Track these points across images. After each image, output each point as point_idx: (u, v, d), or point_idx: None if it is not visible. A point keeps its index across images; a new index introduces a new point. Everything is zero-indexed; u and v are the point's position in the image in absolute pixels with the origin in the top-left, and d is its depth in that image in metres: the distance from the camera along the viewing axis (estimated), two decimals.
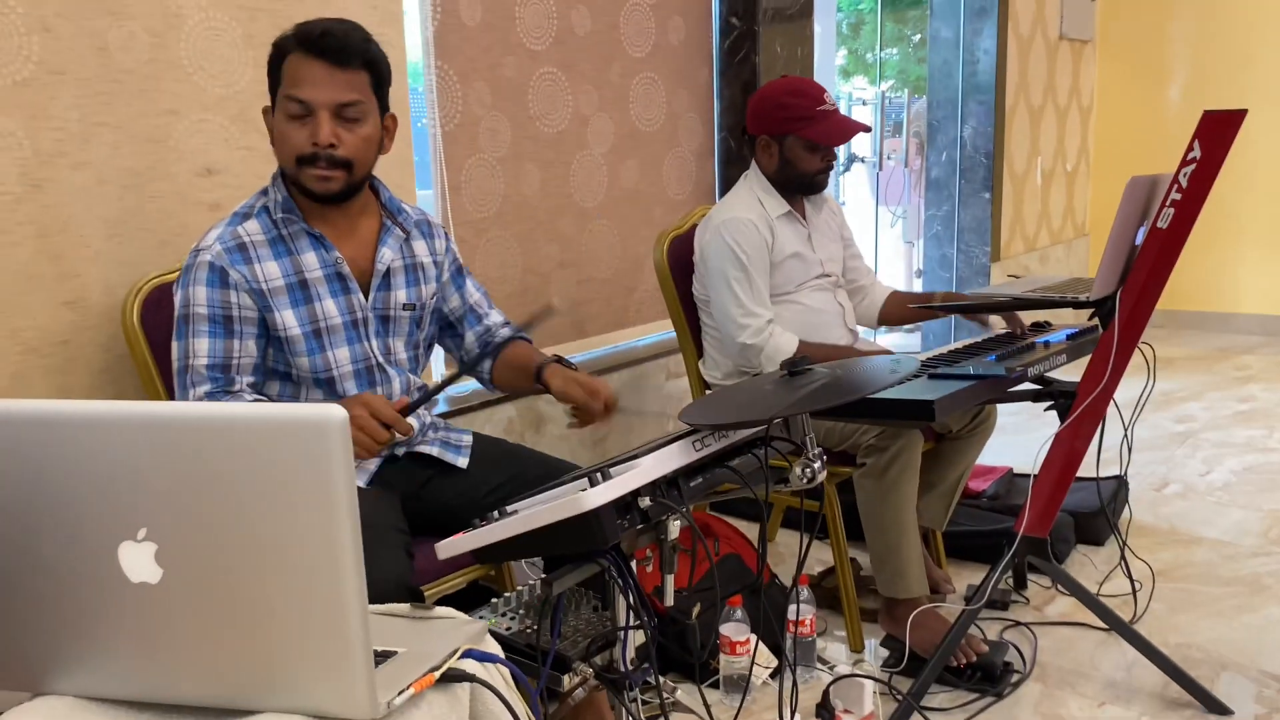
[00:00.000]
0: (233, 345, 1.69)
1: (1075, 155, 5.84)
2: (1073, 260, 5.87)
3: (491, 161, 2.79)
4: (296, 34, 1.67)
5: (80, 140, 1.91)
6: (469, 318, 1.98)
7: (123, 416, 0.87)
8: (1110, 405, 2.13)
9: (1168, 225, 1.98)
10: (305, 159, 1.68)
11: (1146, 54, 5.72)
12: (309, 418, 0.82)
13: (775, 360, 2.32)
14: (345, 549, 0.84)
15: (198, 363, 1.67)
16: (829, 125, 2.38)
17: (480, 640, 1.09)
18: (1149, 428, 3.99)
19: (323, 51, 1.65)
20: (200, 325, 1.68)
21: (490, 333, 1.99)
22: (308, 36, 1.66)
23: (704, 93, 3.43)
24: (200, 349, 1.68)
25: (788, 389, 1.38)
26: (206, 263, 1.68)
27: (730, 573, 2.43)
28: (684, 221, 2.72)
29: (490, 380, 1.98)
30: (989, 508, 3.03)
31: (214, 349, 1.68)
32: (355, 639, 0.86)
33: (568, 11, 2.93)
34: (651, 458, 1.29)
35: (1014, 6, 4.96)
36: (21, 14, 1.81)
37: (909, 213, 5.23)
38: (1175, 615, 2.51)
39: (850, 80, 11.30)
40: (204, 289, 1.68)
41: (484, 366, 1.98)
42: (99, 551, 0.89)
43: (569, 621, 1.60)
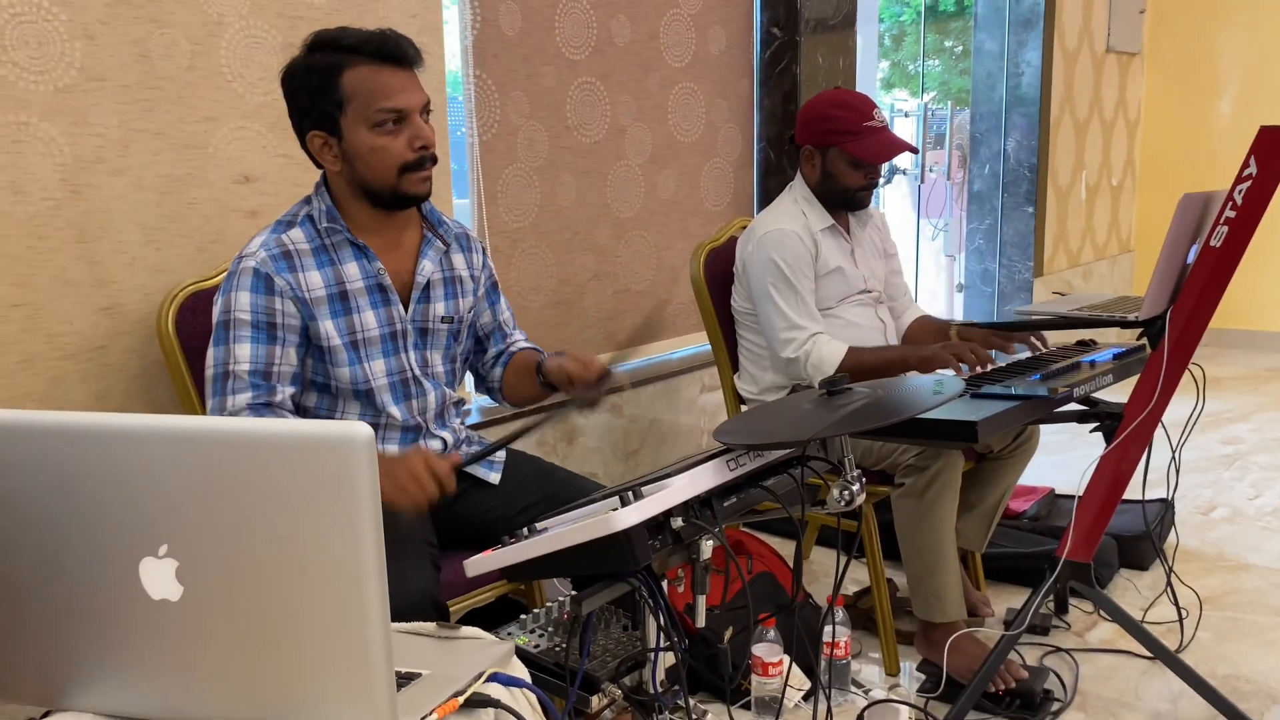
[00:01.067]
0: (274, 351, 1.67)
1: (1121, 169, 5.74)
2: (1117, 276, 5.76)
3: (528, 171, 2.77)
4: (352, 46, 1.64)
5: (120, 146, 1.92)
6: (496, 335, 1.98)
7: (146, 430, 0.86)
8: (1158, 427, 2.07)
9: (1221, 244, 1.92)
10: (410, 165, 1.67)
11: (1196, 67, 5.61)
12: (334, 435, 0.80)
13: (822, 370, 2.28)
14: (369, 569, 0.82)
15: (239, 368, 1.65)
16: (873, 142, 2.33)
17: (506, 663, 1.06)
18: (1196, 449, 3.89)
19: (396, 57, 1.65)
20: (243, 331, 1.65)
21: (509, 347, 1.99)
22: (371, 45, 1.64)
23: (744, 103, 3.40)
24: (242, 354, 1.65)
25: (826, 408, 1.34)
26: (251, 269, 1.67)
27: (763, 592, 2.38)
28: (721, 233, 2.69)
29: (500, 389, 1.98)
30: (1030, 529, 2.96)
31: (256, 354, 1.65)
32: (377, 662, 0.83)
33: (607, 21, 2.91)
34: (684, 477, 1.26)
35: (1060, 19, 4.89)
36: (64, 21, 1.82)
37: (950, 226, 5.16)
38: (1223, 645, 2.43)
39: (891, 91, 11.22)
40: (248, 294, 1.66)
41: (495, 376, 1.98)
42: (120, 567, 0.88)
43: (598, 641, 1.58)
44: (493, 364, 1.98)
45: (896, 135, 2.36)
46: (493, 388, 1.99)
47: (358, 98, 1.65)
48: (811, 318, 2.34)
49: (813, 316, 2.34)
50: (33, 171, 1.81)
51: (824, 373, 2.28)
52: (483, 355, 1.99)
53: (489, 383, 1.99)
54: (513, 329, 2.01)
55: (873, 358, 2.27)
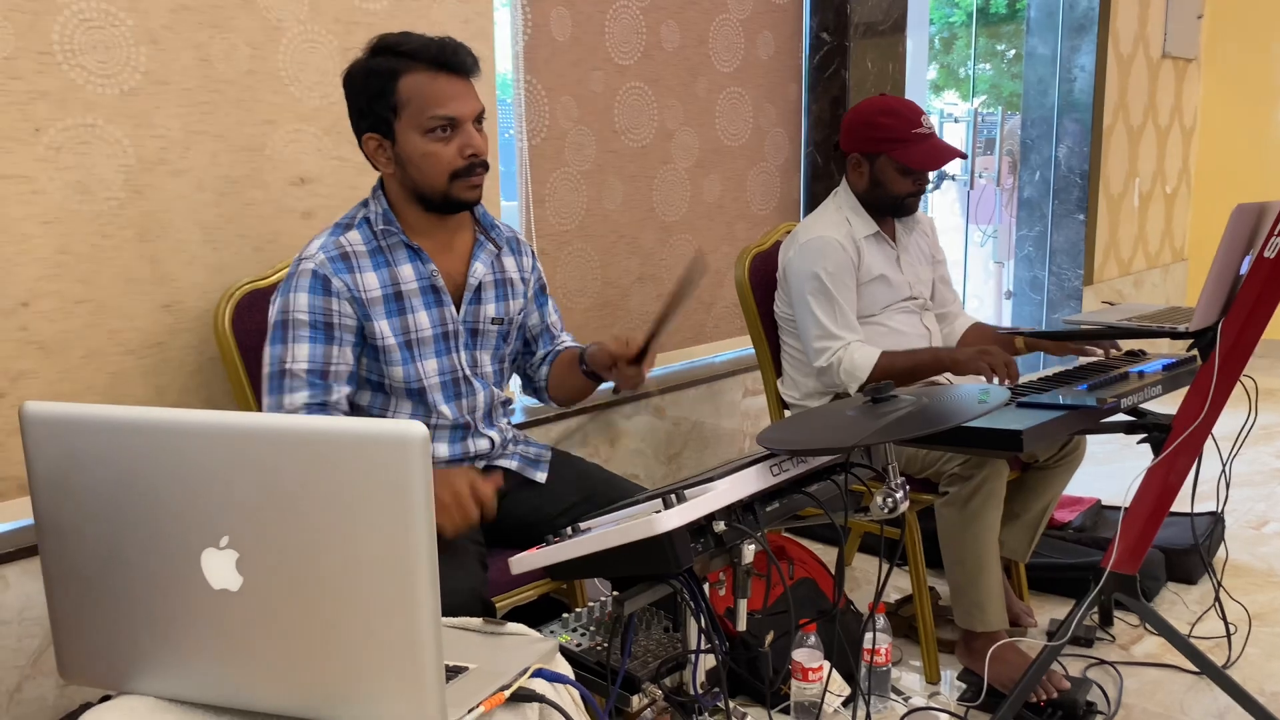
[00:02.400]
0: (331, 351, 1.70)
1: (1175, 177, 5.65)
2: (1169, 286, 5.67)
3: (576, 175, 2.80)
4: (410, 52, 1.68)
5: (181, 148, 1.97)
6: (544, 337, 2.00)
7: (209, 426, 0.89)
8: (1208, 439, 2.05)
9: (1275, 255, 1.89)
10: (460, 172, 1.71)
11: (1254, 73, 5.51)
12: (390, 433, 0.83)
13: (855, 376, 2.28)
14: (421, 565, 0.84)
15: (297, 367, 1.68)
16: (922, 149, 2.32)
17: (551, 659, 1.09)
18: (1248, 463, 3.82)
19: (454, 66, 1.69)
20: (301, 331, 1.69)
21: (556, 347, 2.01)
22: (429, 53, 1.68)
23: (792, 108, 3.40)
24: (300, 354, 1.68)
25: (870, 416, 1.35)
26: (310, 270, 1.70)
27: (804, 597, 2.39)
28: (766, 238, 2.69)
29: (546, 388, 2.00)
30: (1075, 540, 2.93)
31: (314, 354, 1.69)
32: (427, 655, 0.86)
33: (657, 26, 2.93)
34: (727, 481, 1.27)
35: (1115, 24, 4.82)
36: (131, 26, 1.88)
37: (1000, 233, 5.11)
38: (1272, 662, 2.39)
39: (941, 95, 11.12)
40: (306, 295, 1.69)
41: (541, 375, 2.01)
42: (183, 557, 0.91)
43: (640, 641, 1.59)
44: (540, 364, 2.01)
45: (945, 141, 2.36)
46: (539, 387, 2.01)
47: (412, 103, 1.68)
48: (849, 327, 2.33)
49: (850, 326, 2.34)
50: (98, 172, 1.87)
51: (857, 379, 2.28)
52: (530, 357, 2.02)
53: (535, 383, 2.01)
54: (560, 331, 2.04)
55: (905, 360, 2.27)
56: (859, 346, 2.30)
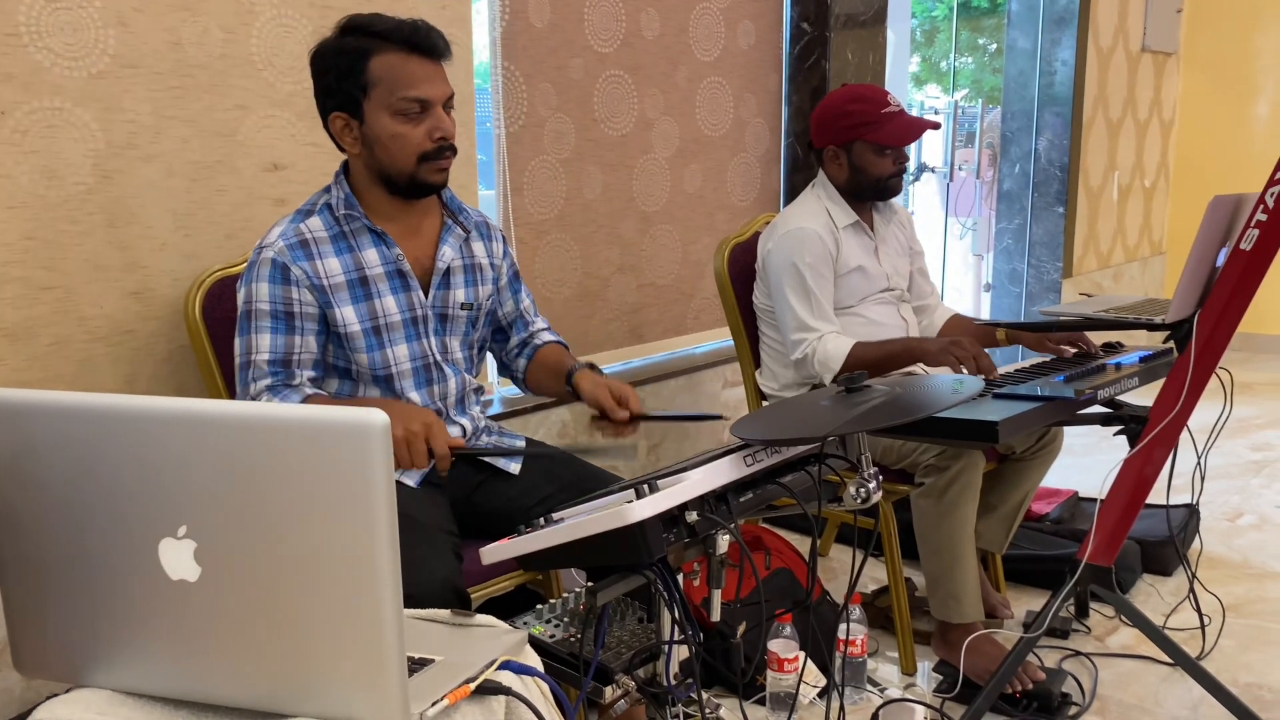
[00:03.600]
0: (294, 341, 1.70)
1: (1154, 171, 5.67)
2: (1148, 278, 5.70)
3: (554, 163, 2.78)
4: (383, 32, 1.66)
5: (152, 133, 1.94)
6: (518, 323, 1.99)
7: (166, 413, 0.87)
8: (1183, 431, 2.05)
9: (1251, 247, 1.89)
10: (428, 154, 1.69)
11: (1233, 67, 5.53)
12: (350, 421, 0.81)
13: (829, 367, 2.28)
14: (382, 555, 0.83)
15: (259, 358, 1.69)
16: (895, 126, 2.32)
17: (519, 651, 1.07)
18: (1224, 455, 3.85)
19: (427, 49, 1.67)
20: (263, 321, 1.69)
21: (532, 338, 1.99)
22: (401, 34, 1.66)
23: (772, 98, 3.39)
24: (262, 344, 1.69)
25: (844, 406, 1.34)
26: (269, 259, 1.70)
27: (781, 588, 2.38)
28: (746, 229, 2.68)
29: (524, 380, 1.99)
30: (1052, 531, 2.94)
31: (275, 344, 1.69)
32: (389, 647, 0.84)
33: (636, 14, 2.91)
34: (700, 471, 1.26)
35: (1095, 17, 4.83)
36: (99, 8, 1.84)
37: (979, 225, 5.12)
38: (1246, 653, 2.41)
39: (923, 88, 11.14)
40: (266, 285, 1.69)
41: (519, 366, 1.98)
42: (140, 547, 0.89)
43: (613, 632, 1.58)
44: (516, 353, 1.99)
45: (916, 116, 2.36)
46: (516, 377, 2.00)
47: (383, 83, 1.66)
48: (824, 318, 2.33)
49: (825, 317, 2.33)
50: (65, 156, 1.84)
51: (831, 369, 2.28)
52: (505, 343, 2.00)
53: (513, 371, 2.00)
54: (534, 316, 2.02)
55: (878, 351, 2.27)
56: (833, 337, 2.30)
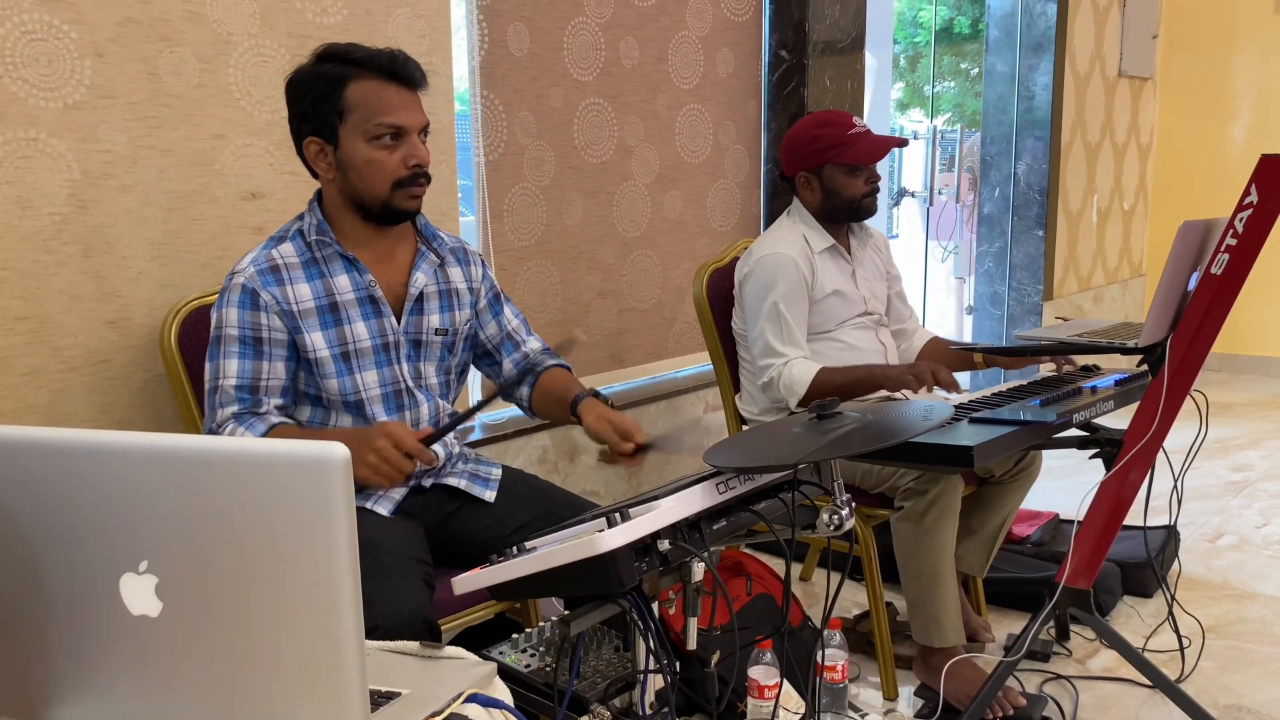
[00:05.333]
0: (261, 366, 1.71)
1: (1133, 194, 5.72)
2: (1128, 301, 5.74)
3: (535, 191, 2.79)
4: (360, 60, 1.68)
5: (128, 163, 1.94)
6: (506, 344, 1.97)
7: (126, 447, 0.87)
8: (1161, 453, 2.06)
9: (1222, 271, 1.91)
10: (403, 181, 1.70)
11: (1209, 92, 5.60)
12: (310, 455, 0.81)
13: (794, 391, 2.29)
14: (344, 589, 0.83)
15: (226, 383, 1.69)
16: (863, 145, 2.35)
17: (488, 684, 1.07)
18: (1203, 476, 3.86)
19: (403, 77, 1.69)
20: (231, 346, 1.70)
21: (529, 359, 1.98)
22: (378, 62, 1.68)
23: (751, 125, 3.41)
24: (230, 370, 1.69)
25: (816, 432, 1.35)
26: (240, 285, 1.71)
27: (762, 613, 2.37)
28: (724, 254, 2.69)
29: (529, 406, 1.97)
30: (1033, 554, 2.94)
31: (243, 370, 1.70)
32: (351, 681, 0.84)
33: (616, 43, 2.93)
34: (672, 499, 1.26)
35: (1071, 43, 4.89)
36: (75, 39, 1.85)
37: (960, 249, 5.16)
38: (1226, 675, 2.41)
39: (907, 113, 11.24)
40: (235, 310, 1.70)
41: (522, 393, 1.97)
42: (101, 582, 0.88)
43: (589, 661, 1.58)
44: (518, 381, 1.96)
45: (882, 135, 2.38)
46: (521, 404, 1.98)
47: (359, 109, 1.68)
48: (793, 344, 2.34)
49: (795, 343, 2.34)
50: (40, 187, 1.84)
51: (796, 393, 2.29)
52: (498, 367, 1.98)
53: (516, 398, 1.98)
54: (527, 335, 1.99)
55: (841, 377, 2.28)
56: (799, 362, 2.31)
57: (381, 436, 1.55)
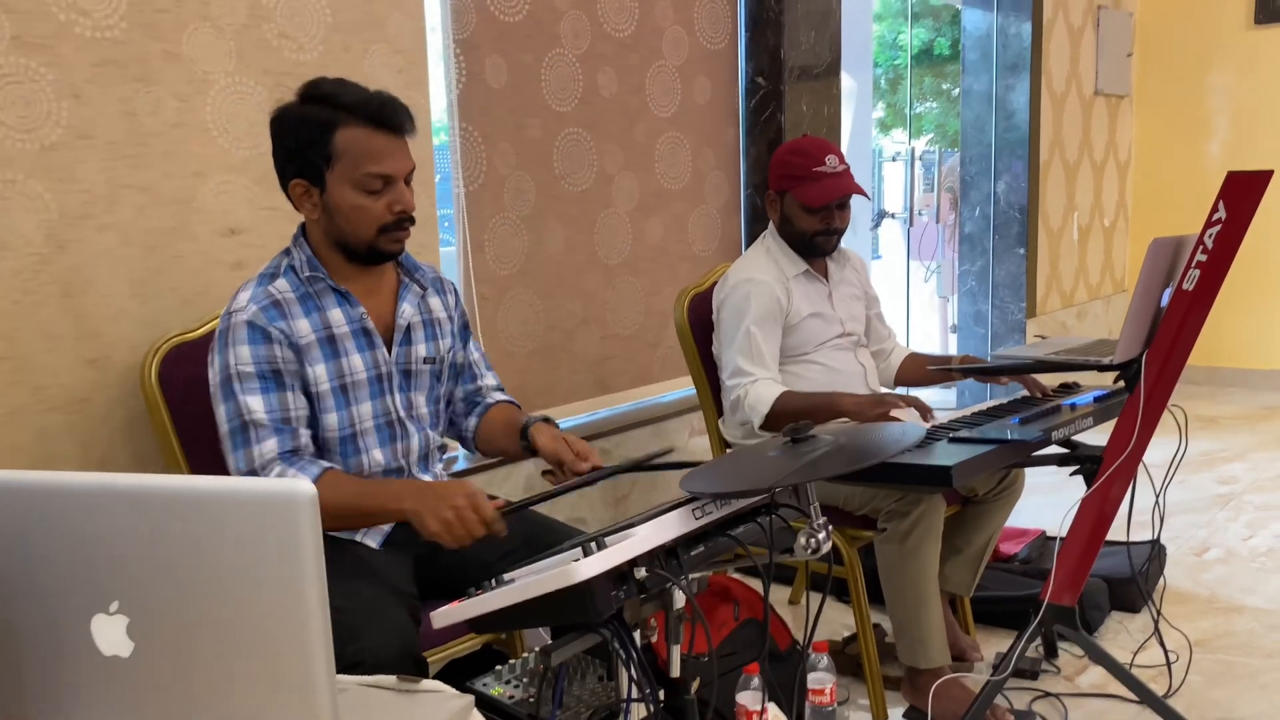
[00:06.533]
0: (286, 399, 1.68)
1: (1113, 210, 5.77)
2: (1112, 316, 5.78)
3: (516, 220, 2.81)
4: (349, 106, 1.66)
5: (107, 202, 1.95)
6: (465, 376, 1.99)
7: (96, 488, 0.87)
8: (1144, 469, 2.08)
9: (1194, 287, 1.94)
10: (388, 226, 1.71)
11: (1184, 109, 5.67)
12: (277, 493, 0.82)
13: (758, 411, 2.30)
14: (314, 626, 0.83)
15: (256, 417, 1.64)
16: (818, 187, 2.35)
17: (465, 717, 1.07)
18: (1189, 489, 3.88)
19: (393, 125, 1.68)
20: (250, 383, 1.66)
21: (480, 393, 1.99)
22: (368, 109, 1.66)
23: (730, 151, 3.44)
24: (256, 405, 1.65)
25: (791, 456, 1.36)
26: (244, 322, 1.67)
27: (750, 639, 2.37)
28: (705, 279, 2.71)
29: (473, 439, 1.98)
30: (1021, 572, 2.95)
31: (270, 404, 1.66)
32: (323, 718, 0.84)
33: (593, 74, 2.96)
34: (648, 526, 1.27)
35: (1047, 63, 4.95)
36: (52, 81, 1.86)
37: (943, 268, 5.19)
38: (1214, 689, 2.41)
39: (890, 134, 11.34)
40: (247, 347, 1.66)
41: (469, 424, 1.98)
42: (72, 623, 0.89)
43: (572, 691, 1.57)
44: (465, 412, 1.98)
45: (846, 180, 2.37)
46: (465, 436, 1.99)
47: (347, 157, 1.67)
48: (761, 365, 2.35)
49: (763, 364, 2.35)
50: (18, 228, 1.84)
51: (760, 413, 2.30)
52: (450, 397, 1.99)
53: (461, 430, 1.99)
54: (485, 370, 2.01)
55: (802, 402, 2.28)
56: (765, 383, 2.33)
57: (461, 495, 1.55)
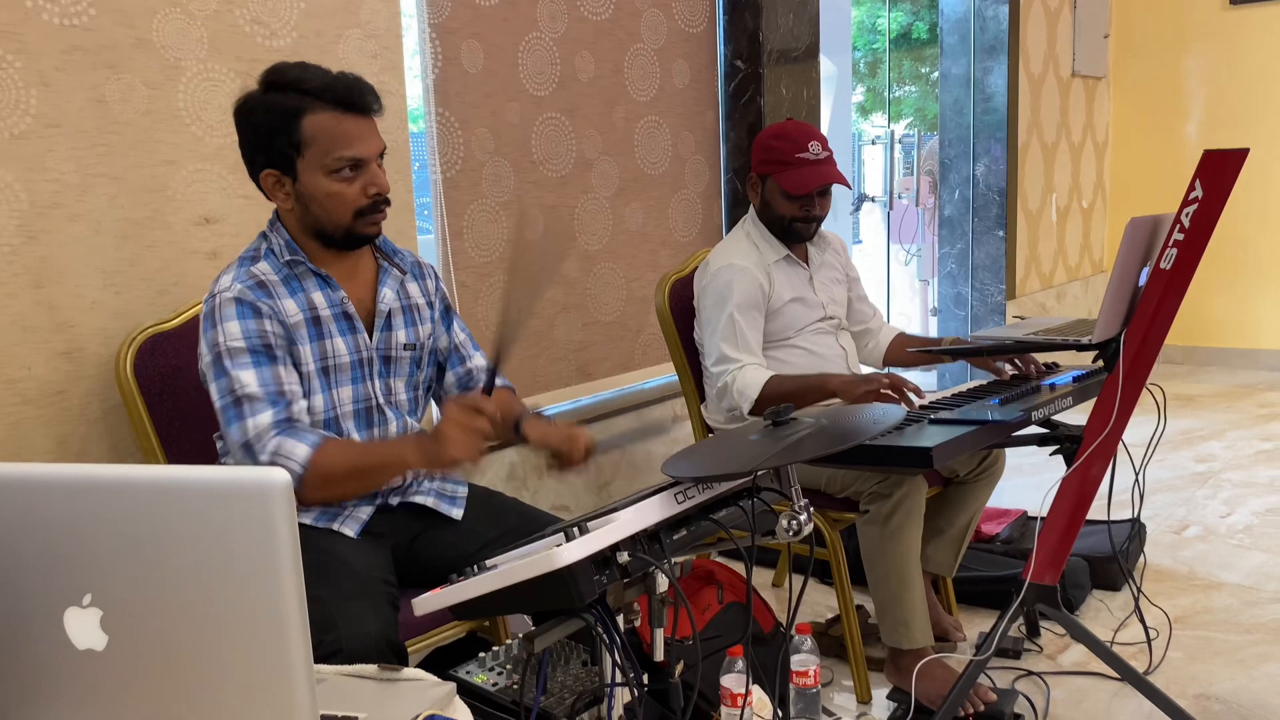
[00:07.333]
0: (279, 373, 1.65)
1: (1091, 192, 5.80)
2: (1091, 297, 5.81)
3: (494, 206, 2.79)
4: (314, 91, 1.64)
5: (78, 191, 1.92)
6: (452, 358, 1.97)
7: (66, 480, 0.86)
8: (1123, 448, 2.09)
9: (1171, 266, 1.94)
10: (364, 210, 1.69)
11: (1161, 90, 5.69)
12: (251, 481, 0.81)
13: (746, 396, 2.30)
14: (291, 614, 0.82)
15: (249, 390, 1.61)
16: (798, 174, 2.34)
17: (446, 704, 1.06)
18: (1168, 468, 3.91)
19: (360, 107, 1.66)
20: (241, 358, 1.63)
21: (472, 376, 1.97)
22: (334, 93, 1.64)
23: (710, 135, 3.43)
24: (248, 379, 1.62)
25: (772, 439, 1.35)
26: (232, 299, 1.65)
27: (734, 622, 2.37)
28: (686, 265, 2.70)
29: None
30: (1002, 552, 2.96)
31: (263, 377, 1.63)
32: (301, 707, 0.83)
33: (571, 57, 2.94)
34: (630, 511, 1.26)
35: (1025, 44, 4.96)
36: (19, 69, 1.83)
37: (923, 251, 5.20)
38: (1194, 664, 2.43)
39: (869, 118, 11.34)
40: (236, 323, 1.64)
41: None
42: (44, 617, 0.87)
43: (556, 677, 1.57)
44: (456, 392, 1.97)
45: (828, 168, 2.37)
46: None
47: (316, 143, 1.65)
48: (747, 351, 2.35)
49: (748, 350, 2.35)
50: None
51: (748, 398, 2.30)
52: (440, 381, 1.98)
53: None
54: (473, 350, 2.00)
55: (791, 384, 2.29)
56: (752, 368, 2.33)
57: (451, 420, 1.58)
